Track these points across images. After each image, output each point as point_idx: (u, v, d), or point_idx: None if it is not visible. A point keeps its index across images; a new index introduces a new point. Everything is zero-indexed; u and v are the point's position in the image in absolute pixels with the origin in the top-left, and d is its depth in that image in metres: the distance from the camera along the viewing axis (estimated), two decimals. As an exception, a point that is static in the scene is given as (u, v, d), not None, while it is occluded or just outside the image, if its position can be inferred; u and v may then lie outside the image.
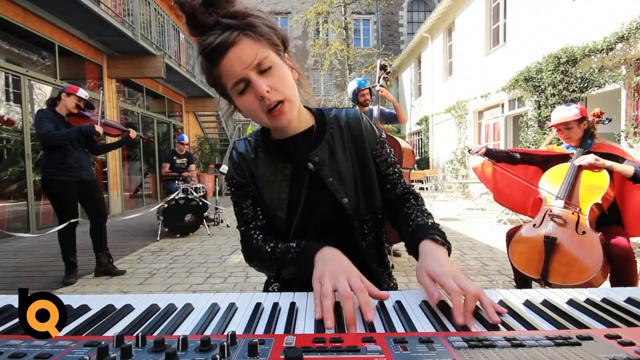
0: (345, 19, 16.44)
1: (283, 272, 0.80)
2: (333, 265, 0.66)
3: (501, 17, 8.48)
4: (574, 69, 5.96)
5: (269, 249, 0.82)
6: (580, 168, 1.96)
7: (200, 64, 0.74)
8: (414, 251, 0.77)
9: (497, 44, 8.65)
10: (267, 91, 0.69)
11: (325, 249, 0.72)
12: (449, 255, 0.73)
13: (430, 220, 0.82)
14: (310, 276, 0.68)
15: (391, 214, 0.92)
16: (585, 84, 5.78)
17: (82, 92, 3.06)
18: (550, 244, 1.80)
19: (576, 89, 5.91)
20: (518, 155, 2.29)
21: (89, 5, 5.33)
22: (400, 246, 3.78)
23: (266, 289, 0.97)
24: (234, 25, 0.67)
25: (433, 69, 12.53)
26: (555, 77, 6.17)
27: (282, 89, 0.71)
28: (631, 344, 0.44)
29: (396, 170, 0.91)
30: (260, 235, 0.86)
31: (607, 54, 5.38)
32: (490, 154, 2.22)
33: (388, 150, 0.91)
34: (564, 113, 2.06)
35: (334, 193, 0.83)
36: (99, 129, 3.05)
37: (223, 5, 0.67)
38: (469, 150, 2.18)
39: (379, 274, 0.90)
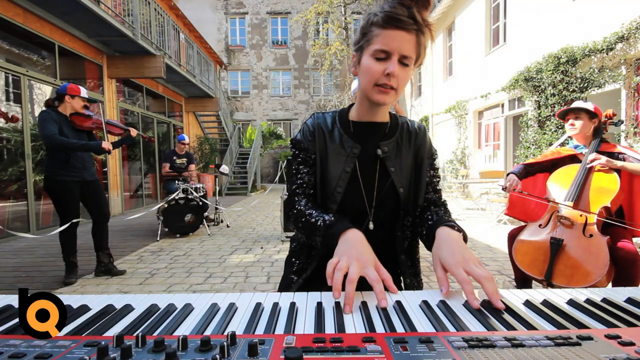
0: (345, 19, 16.43)
1: (312, 239, 0.89)
2: (351, 250, 0.73)
3: (501, 17, 8.47)
4: (574, 69, 5.96)
5: (308, 214, 0.90)
6: (590, 170, 1.92)
7: (370, 15, 0.84)
8: (430, 242, 0.85)
9: (497, 44, 8.64)
10: (395, 74, 0.81)
11: (350, 232, 0.79)
12: (465, 241, 0.80)
13: (449, 218, 0.91)
14: (329, 249, 0.79)
15: (419, 216, 1.00)
16: (585, 84, 5.78)
17: (84, 92, 3.07)
18: (556, 245, 1.78)
19: (576, 89, 5.90)
20: (532, 168, 2.24)
21: (89, 5, 5.32)
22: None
23: (285, 288, 1.02)
24: (417, 21, 0.80)
25: (433, 69, 12.53)
26: (555, 77, 6.16)
27: (401, 83, 0.85)
28: (631, 344, 0.44)
29: (438, 181, 1.05)
30: (304, 200, 0.95)
31: (607, 54, 5.37)
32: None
33: (436, 166, 1.05)
34: (578, 103, 2.08)
35: (394, 181, 0.95)
36: (106, 145, 3.04)
37: (423, 7, 0.81)
38: (504, 189, 2.08)
39: (405, 267, 0.98)
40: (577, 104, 2.10)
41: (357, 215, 0.95)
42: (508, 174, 2.13)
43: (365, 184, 0.95)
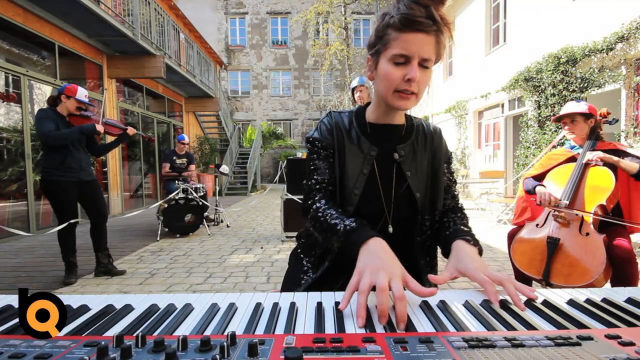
0: (345, 19, 16.43)
1: (329, 241, 0.85)
2: (376, 261, 0.68)
3: (501, 17, 8.47)
4: (574, 69, 5.96)
5: (328, 215, 0.86)
6: (586, 167, 1.94)
7: (385, 17, 0.81)
8: (447, 251, 0.85)
9: (497, 44, 8.64)
10: (415, 80, 0.79)
11: (372, 241, 0.73)
12: (480, 255, 0.80)
13: (467, 229, 0.90)
14: (348, 258, 0.75)
15: (437, 221, 0.99)
16: (585, 84, 5.78)
17: (82, 93, 3.04)
18: (553, 244, 1.78)
19: (576, 89, 5.90)
20: (538, 178, 2.23)
21: (89, 5, 5.32)
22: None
23: (290, 285, 1.01)
24: (436, 21, 0.77)
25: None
26: (555, 77, 6.16)
27: (422, 86, 0.83)
28: (631, 344, 0.44)
29: (454, 185, 1.03)
30: (323, 199, 0.91)
31: (607, 54, 5.38)
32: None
33: (452, 170, 1.04)
34: (572, 107, 2.07)
35: (410, 185, 0.93)
36: (99, 127, 3.06)
37: (440, 3, 0.78)
38: (539, 203, 1.94)
39: (424, 273, 0.95)
40: (570, 107, 2.09)
41: (373, 218, 0.92)
42: (536, 188, 2.00)
43: (383, 187, 0.93)
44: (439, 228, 0.96)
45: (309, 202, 0.93)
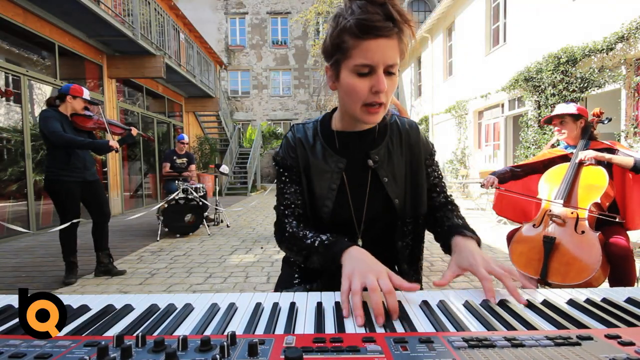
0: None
1: (310, 260, 0.83)
2: (362, 265, 0.68)
3: (501, 17, 8.47)
4: (574, 69, 5.96)
5: (302, 235, 0.85)
6: (580, 165, 1.97)
7: (337, 23, 0.73)
8: (447, 248, 0.85)
9: (497, 44, 8.64)
10: (384, 90, 0.73)
11: (353, 248, 0.74)
12: (479, 246, 0.81)
13: (461, 221, 0.89)
14: (332, 269, 0.75)
15: (430, 218, 0.97)
16: (585, 84, 5.78)
17: (86, 93, 3.08)
18: (549, 243, 1.80)
19: (576, 89, 5.90)
20: (520, 170, 2.29)
21: (89, 5, 5.32)
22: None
23: (281, 287, 0.99)
24: (395, 20, 0.69)
25: (433, 69, 12.53)
26: (555, 77, 6.16)
27: (389, 95, 0.76)
28: (631, 344, 0.44)
29: (442, 180, 0.98)
30: (295, 221, 0.89)
31: (607, 54, 5.37)
32: (498, 178, 2.21)
33: (437, 163, 0.98)
34: (561, 109, 2.13)
35: (388, 192, 0.87)
36: (113, 143, 3.07)
37: None
38: (482, 185, 2.17)
39: (408, 276, 0.93)
40: (559, 109, 2.14)
41: (348, 230, 0.89)
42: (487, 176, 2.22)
43: (354, 198, 0.88)
44: (434, 223, 0.95)
45: (281, 229, 0.90)
